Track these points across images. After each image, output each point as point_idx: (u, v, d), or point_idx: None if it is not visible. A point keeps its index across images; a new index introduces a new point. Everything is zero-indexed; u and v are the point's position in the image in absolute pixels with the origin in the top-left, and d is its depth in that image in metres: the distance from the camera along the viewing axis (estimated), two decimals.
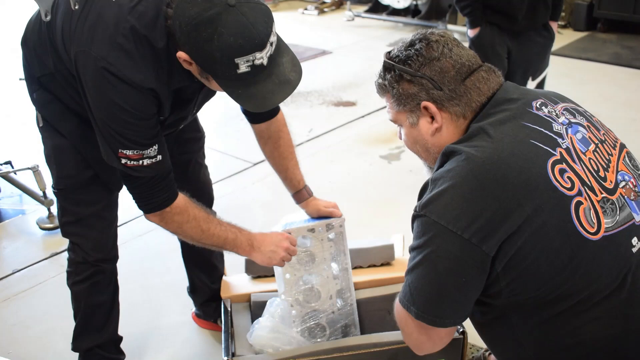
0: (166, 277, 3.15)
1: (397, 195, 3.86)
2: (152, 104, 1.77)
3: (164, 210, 1.90)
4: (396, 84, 1.56)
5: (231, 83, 1.64)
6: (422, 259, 1.43)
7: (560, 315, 1.42)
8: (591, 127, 1.56)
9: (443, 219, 1.39)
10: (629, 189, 1.49)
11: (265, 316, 2.18)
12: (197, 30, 1.56)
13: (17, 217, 3.83)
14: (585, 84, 5.67)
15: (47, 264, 3.33)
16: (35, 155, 2.99)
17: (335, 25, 8.44)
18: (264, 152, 2.24)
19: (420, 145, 1.62)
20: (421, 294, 1.45)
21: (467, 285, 1.42)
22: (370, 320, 2.34)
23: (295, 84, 1.73)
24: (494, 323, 1.53)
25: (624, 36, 7.24)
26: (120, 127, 1.74)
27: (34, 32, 1.96)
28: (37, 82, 1.97)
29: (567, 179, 1.40)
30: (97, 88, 1.71)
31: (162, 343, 2.75)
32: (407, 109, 1.57)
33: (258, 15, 1.60)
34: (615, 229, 1.42)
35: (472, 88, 1.53)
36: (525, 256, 1.37)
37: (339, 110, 5.37)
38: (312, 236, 2.19)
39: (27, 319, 2.93)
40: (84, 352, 2.38)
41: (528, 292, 1.41)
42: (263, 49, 1.60)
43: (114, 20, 1.70)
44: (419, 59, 1.54)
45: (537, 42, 3.76)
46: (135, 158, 1.78)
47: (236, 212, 3.69)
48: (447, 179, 1.42)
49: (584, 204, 1.39)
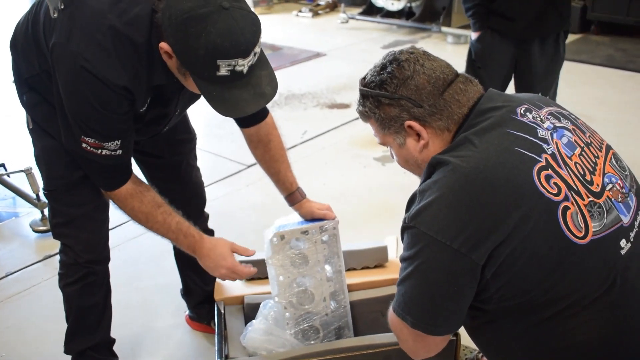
0: (159, 279, 3.14)
1: (390, 198, 3.86)
2: (124, 103, 1.78)
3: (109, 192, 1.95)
4: (376, 109, 1.57)
5: (207, 84, 1.65)
6: (413, 269, 1.44)
7: (551, 319, 1.42)
8: (577, 130, 1.56)
9: (432, 229, 1.40)
10: (616, 191, 1.49)
11: (259, 318, 2.17)
12: (186, 24, 1.58)
13: (10, 219, 3.82)
14: (578, 86, 5.69)
15: (41, 267, 3.33)
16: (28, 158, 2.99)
17: (329, 28, 8.45)
18: (255, 156, 2.24)
19: (411, 163, 1.64)
20: (415, 303, 1.46)
21: (459, 294, 1.43)
22: (364, 322, 2.34)
23: (269, 99, 1.75)
24: (485, 327, 1.54)
25: (617, 38, 7.26)
26: (87, 118, 1.77)
27: (21, 35, 1.97)
28: (26, 84, 1.98)
29: (553, 185, 1.41)
30: (70, 81, 1.74)
31: (155, 345, 2.75)
32: (392, 131, 1.58)
33: (248, 23, 1.62)
34: (603, 232, 1.42)
35: (451, 101, 1.53)
36: (514, 262, 1.37)
37: (333, 112, 5.38)
38: (305, 238, 2.19)
39: (21, 321, 2.93)
40: (76, 354, 2.37)
41: (517, 297, 1.42)
42: (246, 57, 1.62)
43: (94, 17, 1.72)
44: (394, 81, 1.54)
45: (544, 53, 3.61)
46: (95, 147, 1.81)
47: (229, 214, 3.71)
48: (434, 190, 1.43)
49: (571, 208, 1.40)
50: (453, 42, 7.50)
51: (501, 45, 3.64)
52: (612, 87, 5.84)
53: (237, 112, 1.73)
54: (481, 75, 3.69)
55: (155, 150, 2.32)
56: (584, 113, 4.98)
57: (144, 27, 1.70)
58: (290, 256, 2.17)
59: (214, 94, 1.66)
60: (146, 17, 1.70)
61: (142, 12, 1.70)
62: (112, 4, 1.72)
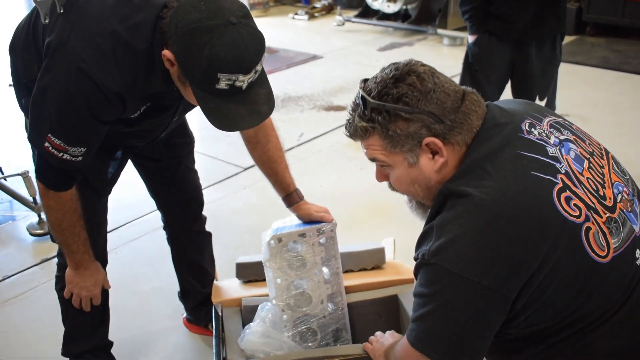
0: (157, 282, 3.14)
1: (388, 200, 3.84)
2: (111, 110, 1.78)
3: (48, 190, 1.92)
4: (390, 124, 1.43)
5: (206, 95, 1.64)
6: (436, 307, 1.37)
7: (573, 335, 1.41)
8: (578, 140, 1.53)
9: (457, 267, 1.33)
10: (625, 200, 1.48)
11: (257, 321, 2.17)
12: (192, 34, 1.57)
13: (7, 223, 3.82)
14: (574, 87, 5.69)
15: (38, 270, 3.32)
16: (25, 161, 2.98)
17: (325, 30, 8.46)
18: (253, 157, 2.24)
19: (419, 184, 1.51)
20: (441, 341, 1.39)
21: (487, 330, 1.39)
22: (362, 324, 2.34)
23: (265, 117, 1.74)
24: (504, 346, 1.49)
25: (612, 40, 7.28)
26: (64, 118, 1.76)
27: (20, 38, 1.97)
28: (25, 88, 1.97)
29: (574, 207, 1.37)
30: (61, 80, 1.73)
31: (153, 348, 2.75)
32: (406, 149, 1.44)
33: (253, 40, 1.62)
34: (621, 247, 1.41)
35: (469, 113, 1.44)
36: (544, 291, 1.35)
37: (330, 114, 5.38)
38: (303, 241, 2.19)
39: (18, 325, 2.92)
40: (74, 357, 2.37)
41: (545, 322, 1.40)
42: (247, 73, 1.61)
43: (96, 20, 1.72)
44: (415, 94, 1.40)
45: (541, 56, 3.61)
46: (58, 149, 1.79)
47: (227, 217, 3.71)
48: (456, 225, 1.36)
49: (592, 228, 1.38)
50: (449, 44, 7.51)
51: (498, 48, 3.64)
52: (608, 88, 5.85)
53: (231, 126, 1.72)
54: (478, 79, 3.70)
55: (153, 153, 2.31)
56: (579, 114, 5.02)
57: (146, 33, 1.70)
58: (288, 259, 2.17)
59: (211, 106, 1.65)
60: (149, 24, 1.69)
61: (145, 19, 1.70)
62: (115, 9, 1.72)
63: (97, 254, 2.17)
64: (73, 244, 2.01)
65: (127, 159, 2.28)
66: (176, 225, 2.60)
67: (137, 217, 3.74)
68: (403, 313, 2.26)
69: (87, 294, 2.13)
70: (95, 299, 2.16)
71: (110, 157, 2.17)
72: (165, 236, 2.66)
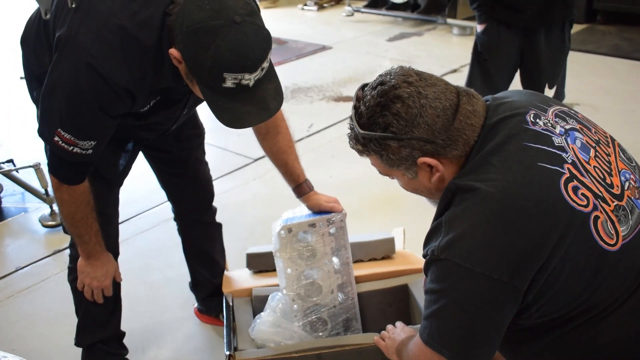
0: (168, 272, 3.15)
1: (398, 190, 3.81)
2: (120, 104, 1.78)
3: (62, 184, 1.92)
4: (383, 151, 1.45)
5: (213, 93, 1.64)
6: (448, 303, 1.37)
7: (584, 324, 1.41)
8: (584, 128, 1.52)
9: (468, 261, 1.33)
10: (632, 187, 1.48)
11: (267, 311, 2.18)
12: (197, 34, 1.57)
13: (19, 215, 3.84)
14: (584, 76, 5.66)
15: (50, 261, 3.34)
16: (37, 153, 3.00)
17: (334, 21, 8.44)
18: (263, 148, 2.24)
19: (422, 191, 1.56)
20: (454, 337, 1.39)
21: (500, 323, 1.38)
22: (372, 314, 2.35)
23: (273, 113, 1.74)
24: (514, 337, 1.48)
25: (623, 28, 7.22)
26: (73, 112, 1.76)
27: (32, 31, 1.98)
28: (37, 80, 1.97)
29: (581, 196, 1.37)
30: (71, 75, 1.72)
31: (164, 338, 2.76)
32: (403, 168, 1.48)
33: (258, 38, 1.62)
34: (631, 235, 1.41)
35: (464, 128, 1.42)
36: (555, 281, 1.35)
37: (339, 105, 5.37)
38: (313, 231, 2.19)
39: (31, 315, 2.94)
40: (86, 347, 2.39)
41: (557, 312, 1.40)
42: (253, 72, 1.61)
43: (105, 14, 1.71)
44: (401, 122, 1.39)
45: (550, 43, 3.59)
46: (68, 143, 1.79)
47: (237, 207, 3.71)
48: (464, 220, 1.36)
49: (601, 217, 1.37)
50: (459, 33, 7.47)
51: (507, 37, 3.62)
52: (618, 76, 5.81)
53: (239, 124, 1.72)
54: (487, 68, 3.69)
55: (164, 145, 2.32)
56: (589, 103, 5.00)
57: (155, 29, 1.69)
58: (298, 249, 2.18)
59: (218, 104, 1.66)
60: (158, 20, 1.69)
61: (154, 15, 1.69)
62: (124, 4, 1.71)
63: (109, 245, 2.18)
64: (85, 235, 2.02)
65: (138, 151, 2.29)
66: (187, 217, 2.61)
67: (149, 209, 3.76)
68: (413, 302, 2.26)
69: (98, 284, 2.14)
70: (107, 289, 2.17)
71: (122, 149, 2.18)
72: (176, 227, 2.67)
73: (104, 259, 2.12)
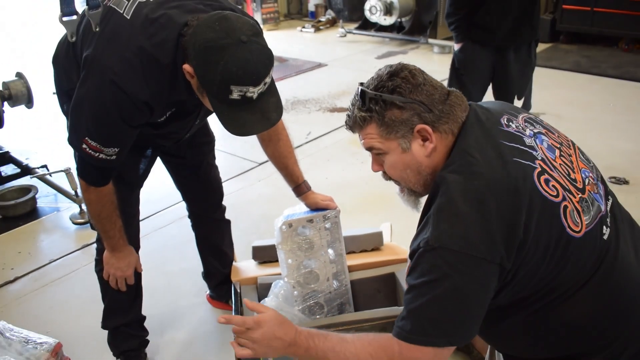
0: (183, 264, 3.15)
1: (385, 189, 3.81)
2: (140, 116, 1.78)
3: (90, 186, 1.93)
4: (385, 111, 1.43)
5: (221, 104, 1.64)
6: (443, 290, 1.32)
7: (550, 303, 1.41)
8: (548, 132, 1.54)
9: (463, 247, 1.30)
10: (592, 184, 1.49)
11: (270, 296, 2.18)
12: (207, 52, 1.58)
13: (52, 213, 3.83)
14: (550, 89, 5.66)
15: (79, 254, 3.34)
16: (68, 159, 3.00)
17: (329, 41, 8.43)
18: (266, 153, 2.24)
19: (411, 169, 1.48)
20: (446, 323, 1.34)
21: (487, 300, 1.37)
22: (363, 299, 2.35)
23: (273, 123, 1.73)
24: (488, 316, 1.43)
25: (583, 47, 7.23)
26: (99, 123, 1.77)
27: (62, 52, 1.98)
28: (66, 95, 1.97)
29: (552, 188, 1.38)
30: (96, 90, 1.73)
31: (180, 321, 2.76)
32: (400, 135, 1.44)
33: (262, 56, 1.62)
34: (592, 224, 1.41)
35: (454, 105, 1.45)
36: (528, 261, 1.35)
37: (334, 115, 5.37)
38: (310, 226, 2.19)
39: (63, 302, 2.94)
40: (112, 329, 2.39)
41: (527, 290, 1.40)
42: (257, 86, 1.61)
43: (126, 38, 1.72)
44: (407, 86, 1.42)
45: (519, 60, 3.63)
46: (94, 149, 1.80)
47: (244, 206, 3.71)
48: (452, 210, 1.34)
49: (569, 207, 1.38)
50: (439, 52, 7.46)
51: (481, 54, 3.64)
52: (579, 89, 5.82)
53: (243, 131, 1.71)
54: (464, 81, 3.70)
55: (179, 151, 2.32)
56: (554, 112, 4.99)
57: (170, 49, 1.69)
58: (298, 242, 2.18)
59: (225, 114, 1.65)
60: (172, 41, 1.69)
61: (169, 36, 1.69)
62: (143, 28, 1.72)
63: (130, 240, 2.18)
64: (110, 230, 2.02)
65: (156, 157, 2.29)
66: (200, 214, 2.61)
67: (166, 208, 3.75)
68: (399, 288, 2.26)
69: (122, 274, 2.14)
70: (129, 279, 2.17)
71: (141, 155, 2.18)
72: (190, 224, 2.67)
73: (127, 251, 2.12)
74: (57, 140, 4.52)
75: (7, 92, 3.74)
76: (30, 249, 3.42)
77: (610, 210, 1.52)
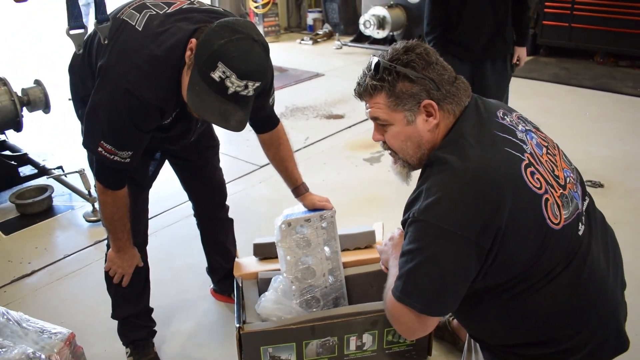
0: (188, 259, 3.14)
1: (377, 191, 3.85)
2: (153, 120, 1.77)
3: (106, 189, 1.90)
4: (397, 83, 1.43)
5: (199, 76, 1.60)
6: (424, 259, 1.34)
7: (523, 291, 1.41)
8: (537, 132, 1.56)
9: (445, 222, 1.32)
10: (572, 183, 1.50)
11: (270, 291, 2.17)
12: (221, 29, 1.58)
13: (67, 211, 3.81)
14: (530, 98, 5.67)
15: (92, 250, 3.32)
16: (82, 161, 2.98)
17: (326, 53, 8.42)
18: (268, 156, 2.23)
19: (412, 141, 1.48)
20: (426, 290, 1.36)
21: (467, 277, 1.37)
22: (357, 293, 2.34)
23: (230, 128, 1.64)
24: (465, 300, 1.45)
25: (561, 59, 7.24)
26: (114, 128, 1.75)
27: (77, 61, 1.97)
28: (82, 102, 1.96)
29: (536, 180, 1.38)
30: (111, 97, 1.72)
31: (185, 313, 2.75)
32: (407, 107, 1.44)
33: (261, 62, 1.61)
34: (570, 218, 1.42)
35: (460, 89, 1.47)
36: (508, 247, 1.35)
37: (330, 122, 5.36)
38: (308, 225, 2.18)
39: (76, 295, 2.93)
40: (121, 320, 2.37)
41: (504, 275, 1.39)
42: (241, 80, 1.57)
43: (138, 47, 1.71)
44: (421, 62, 1.43)
45: (495, 72, 3.62)
46: (109, 152, 1.78)
47: (246, 206, 3.70)
48: (442, 187, 1.35)
49: (550, 200, 1.38)
50: None
51: (460, 67, 3.61)
52: (557, 99, 5.82)
53: (200, 113, 1.65)
54: None
55: (185, 155, 2.31)
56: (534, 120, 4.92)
57: (179, 51, 1.69)
58: (296, 240, 2.17)
59: (197, 89, 1.61)
60: (181, 46, 1.69)
61: (178, 42, 1.69)
62: (154, 37, 1.72)
63: (139, 237, 2.17)
64: (119, 232, 2.01)
65: (165, 160, 2.28)
66: (204, 213, 2.60)
67: (173, 207, 3.74)
68: None
69: (122, 272, 2.14)
70: (127, 276, 2.17)
71: (151, 158, 2.17)
72: (195, 222, 2.65)
73: (130, 253, 2.12)
74: (72, 143, 4.51)
75: (26, 98, 3.76)
76: (46, 245, 3.41)
77: (586, 209, 1.52)
